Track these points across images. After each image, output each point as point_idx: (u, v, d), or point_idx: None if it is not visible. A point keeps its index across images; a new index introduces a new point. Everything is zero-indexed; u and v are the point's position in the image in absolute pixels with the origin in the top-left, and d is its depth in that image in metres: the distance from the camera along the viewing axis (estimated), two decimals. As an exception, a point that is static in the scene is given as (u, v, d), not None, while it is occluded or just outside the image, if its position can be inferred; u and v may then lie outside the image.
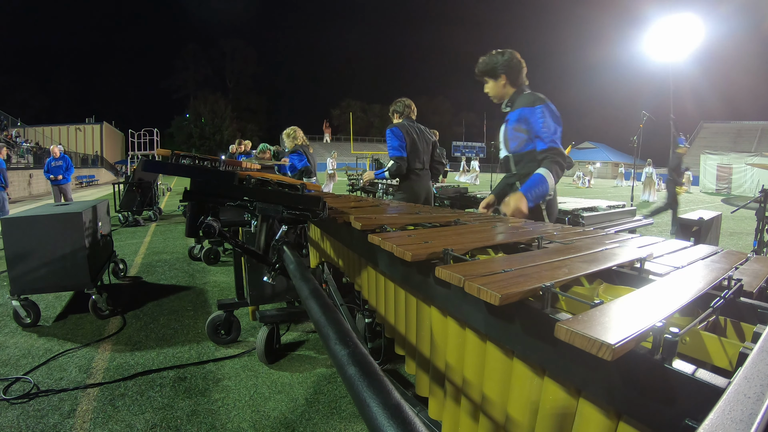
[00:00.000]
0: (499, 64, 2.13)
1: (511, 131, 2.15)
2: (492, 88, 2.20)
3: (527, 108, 2.05)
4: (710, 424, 0.35)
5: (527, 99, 2.08)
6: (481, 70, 2.20)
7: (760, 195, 4.55)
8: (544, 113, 2.00)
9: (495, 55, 2.15)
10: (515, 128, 2.12)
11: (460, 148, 60.29)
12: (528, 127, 2.05)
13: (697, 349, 0.62)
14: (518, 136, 2.12)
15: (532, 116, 2.02)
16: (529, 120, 2.03)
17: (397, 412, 0.49)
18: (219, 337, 2.67)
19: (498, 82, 2.16)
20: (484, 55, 2.19)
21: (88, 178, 22.28)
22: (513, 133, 2.14)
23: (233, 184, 1.66)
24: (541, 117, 2.00)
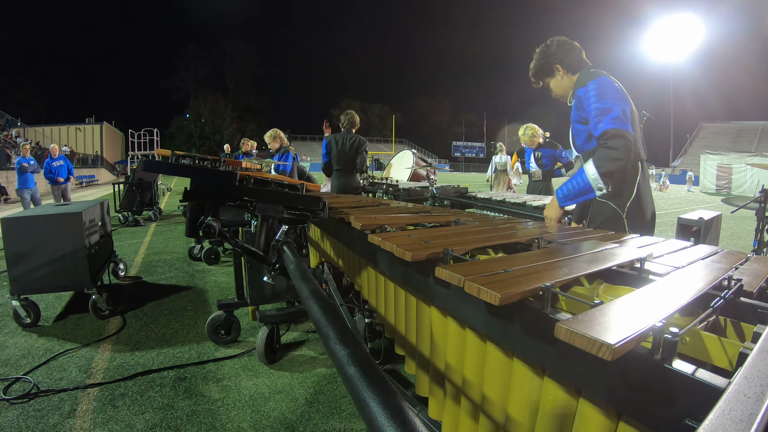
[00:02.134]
0: (549, 56, 1.85)
1: (575, 125, 1.82)
2: (555, 86, 1.90)
3: (580, 89, 1.71)
4: (710, 424, 0.35)
5: (579, 80, 1.75)
6: (535, 74, 1.92)
7: (760, 195, 4.56)
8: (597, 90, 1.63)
9: (540, 51, 1.89)
10: (577, 120, 1.79)
11: (460, 148, 60.32)
12: (586, 114, 1.69)
13: (697, 349, 0.62)
14: (580, 129, 1.78)
15: (586, 98, 1.67)
16: (585, 105, 1.68)
17: (397, 412, 0.49)
18: (219, 337, 2.67)
19: (557, 77, 1.87)
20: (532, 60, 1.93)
21: (88, 178, 22.28)
22: (576, 127, 1.82)
23: (233, 184, 1.66)
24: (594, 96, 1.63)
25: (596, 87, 1.64)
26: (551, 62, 1.85)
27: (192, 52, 67.42)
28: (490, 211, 3.17)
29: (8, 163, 16.37)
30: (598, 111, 1.61)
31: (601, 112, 1.60)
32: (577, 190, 1.63)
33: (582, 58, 1.85)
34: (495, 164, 7.99)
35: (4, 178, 13.99)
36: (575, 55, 1.84)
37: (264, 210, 1.48)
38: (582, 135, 1.79)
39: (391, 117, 50.62)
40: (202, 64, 67.55)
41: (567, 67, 1.84)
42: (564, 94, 1.91)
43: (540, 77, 1.92)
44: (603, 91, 1.63)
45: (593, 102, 1.63)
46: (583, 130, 1.78)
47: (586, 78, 1.71)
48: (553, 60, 1.85)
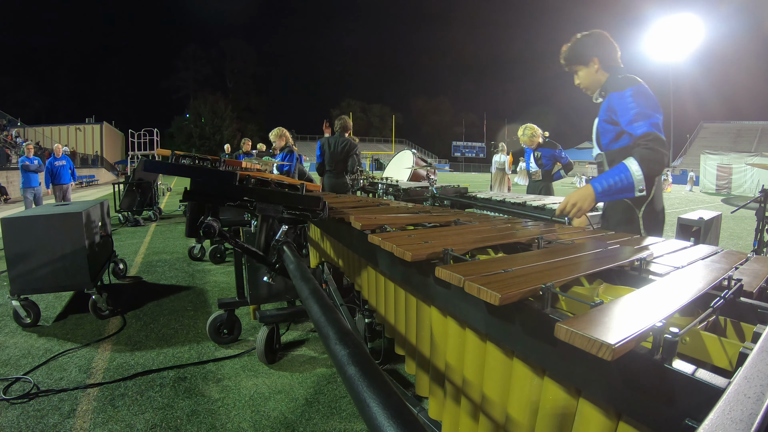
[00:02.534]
0: (589, 46, 1.84)
1: (602, 124, 1.84)
2: (585, 77, 1.90)
3: (616, 93, 1.73)
4: (710, 424, 0.35)
5: (618, 82, 1.76)
6: (568, 58, 1.91)
7: (760, 195, 4.55)
8: (636, 96, 1.66)
9: (581, 38, 1.87)
10: (605, 120, 1.81)
11: (460, 148, 60.31)
12: (617, 117, 1.72)
13: (697, 349, 0.62)
14: (608, 129, 1.81)
15: (621, 102, 1.69)
16: (617, 107, 1.71)
17: (397, 412, 0.49)
18: (220, 336, 2.67)
19: (590, 68, 1.87)
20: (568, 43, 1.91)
21: (88, 178, 22.28)
22: (604, 126, 1.83)
23: (233, 184, 1.66)
24: (632, 101, 1.65)
25: (636, 92, 1.67)
26: (590, 53, 1.85)
27: (192, 52, 67.48)
28: (490, 211, 3.17)
29: (8, 163, 16.35)
30: (638, 114, 1.64)
31: (643, 115, 1.63)
32: (619, 187, 1.58)
33: (617, 59, 1.86)
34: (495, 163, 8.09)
35: (4, 178, 13.99)
36: (613, 53, 1.85)
37: (264, 210, 1.48)
38: (609, 134, 1.81)
39: (391, 117, 50.63)
40: (202, 64, 67.62)
41: (602, 63, 1.85)
42: (590, 86, 1.91)
43: (573, 63, 1.91)
44: (643, 97, 1.67)
45: (632, 105, 1.65)
46: (611, 130, 1.80)
47: (625, 83, 1.72)
48: (592, 51, 1.85)
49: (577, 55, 1.88)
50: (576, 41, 1.89)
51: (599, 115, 1.86)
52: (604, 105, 1.81)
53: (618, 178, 1.57)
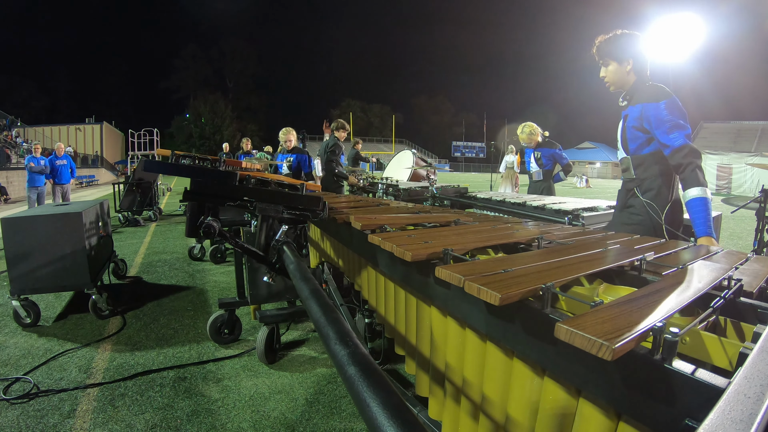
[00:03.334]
0: (630, 45, 1.88)
1: (631, 130, 1.91)
2: (614, 73, 1.93)
3: (650, 104, 1.80)
4: (710, 424, 0.35)
5: (649, 92, 1.83)
6: (605, 50, 1.92)
7: (760, 195, 4.55)
8: (670, 108, 1.76)
9: (623, 35, 1.90)
10: (635, 127, 1.88)
11: (460, 148, 60.29)
12: (650, 126, 1.81)
13: (697, 349, 0.62)
14: (638, 135, 1.89)
15: (657, 113, 1.77)
16: (651, 118, 1.79)
17: (397, 412, 0.49)
18: (221, 336, 2.67)
19: (623, 67, 1.91)
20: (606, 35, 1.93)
21: (88, 178, 22.28)
22: (633, 133, 1.91)
23: (233, 184, 1.66)
24: (667, 113, 1.75)
25: (671, 105, 1.77)
26: (628, 52, 1.89)
27: (192, 52, 67.43)
28: (490, 211, 3.17)
29: (8, 163, 16.36)
30: (674, 125, 1.74)
31: (678, 126, 1.74)
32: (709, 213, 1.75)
33: (647, 67, 1.92)
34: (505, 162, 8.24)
35: (4, 178, 13.98)
36: (646, 61, 1.91)
37: (264, 210, 1.48)
38: (638, 140, 1.90)
39: (391, 117, 50.63)
40: (202, 64, 67.57)
41: (637, 67, 1.90)
42: (615, 83, 1.96)
43: (608, 56, 1.93)
44: (678, 110, 1.77)
45: (668, 117, 1.75)
46: (640, 137, 1.88)
47: (659, 94, 1.80)
48: (630, 51, 1.89)
49: (615, 49, 1.90)
50: (617, 36, 1.90)
51: (628, 121, 1.92)
52: (635, 112, 1.87)
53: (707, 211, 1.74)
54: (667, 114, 1.75)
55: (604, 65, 1.96)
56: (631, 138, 1.93)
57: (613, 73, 1.94)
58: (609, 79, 1.97)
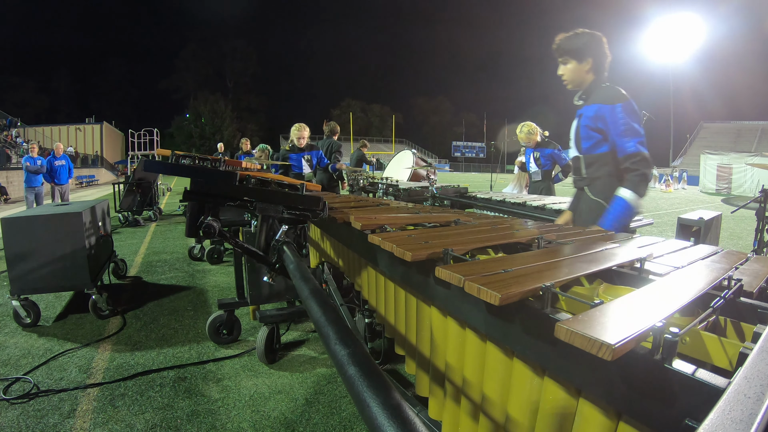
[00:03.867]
0: (589, 45, 1.88)
1: (585, 129, 1.92)
2: (572, 71, 1.94)
3: (606, 105, 1.82)
4: (710, 424, 0.35)
5: (606, 93, 1.84)
6: (565, 48, 1.92)
7: (760, 195, 4.55)
8: (626, 112, 1.77)
9: (583, 34, 1.90)
10: (590, 126, 1.89)
11: (460, 148, 60.27)
12: (605, 127, 1.83)
13: (697, 349, 0.62)
14: (592, 135, 1.90)
15: (613, 115, 1.79)
16: (607, 119, 1.81)
17: (397, 412, 0.49)
18: (220, 337, 2.67)
19: (582, 66, 1.91)
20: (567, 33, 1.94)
21: (88, 178, 22.28)
22: (587, 132, 1.92)
23: (233, 184, 1.66)
24: (623, 116, 1.76)
25: (626, 108, 1.78)
26: (588, 51, 1.90)
27: (192, 52, 67.41)
28: (490, 211, 3.17)
29: (8, 163, 16.35)
30: (628, 128, 1.77)
31: (632, 131, 1.77)
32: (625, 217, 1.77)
33: (606, 66, 1.93)
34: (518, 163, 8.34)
35: (4, 178, 13.99)
36: (605, 60, 1.92)
37: (264, 210, 1.48)
38: (591, 140, 1.91)
39: (391, 117, 50.64)
40: (202, 64, 67.55)
41: (596, 66, 1.91)
42: (573, 82, 1.97)
43: (568, 54, 1.93)
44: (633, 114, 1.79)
45: (624, 121, 1.77)
46: (594, 136, 1.90)
47: (615, 96, 1.81)
48: (590, 51, 1.89)
49: (575, 48, 1.90)
50: (577, 35, 1.91)
51: (582, 121, 1.94)
52: (590, 113, 1.89)
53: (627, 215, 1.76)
54: (624, 117, 1.77)
55: (563, 63, 1.96)
56: (584, 137, 1.94)
57: (572, 72, 1.94)
58: (567, 77, 1.97)
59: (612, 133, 1.80)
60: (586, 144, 1.94)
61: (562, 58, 1.96)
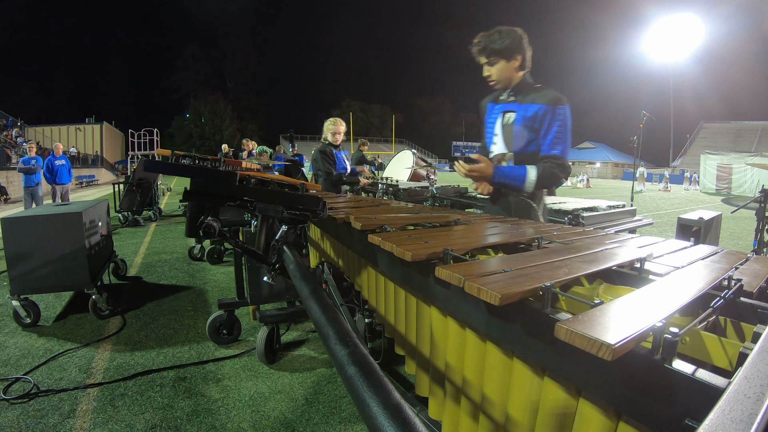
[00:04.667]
0: (516, 42, 1.86)
1: (520, 128, 1.90)
2: (502, 71, 1.90)
3: (550, 107, 1.82)
4: (710, 424, 0.35)
5: (549, 95, 1.84)
6: (492, 49, 1.87)
7: (760, 195, 4.55)
8: (564, 117, 1.81)
9: (508, 32, 1.86)
10: (527, 126, 1.88)
11: (460, 148, 60.27)
12: (542, 128, 1.84)
13: (697, 349, 0.62)
14: (526, 135, 1.89)
15: (552, 117, 1.81)
16: (546, 120, 1.82)
17: (397, 412, 0.49)
18: (220, 337, 2.67)
19: (511, 64, 1.88)
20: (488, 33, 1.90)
21: (88, 178, 22.28)
22: (522, 131, 1.90)
23: (233, 184, 1.66)
24: (561, 121, 1.81)
25: (564, 113, 1.83)
26: (515, 49, 1.87)
27: (192, 52, 67.39)
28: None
29: (8, 163, 16.35)
30: (559, 134, 1.83)
31: (562, 139, 1.83)
32: (512, 184, 1.87)
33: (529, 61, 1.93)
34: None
35: (4, 178, 13.99)
36: (530, 56, 1.93)
37: (264, 210, 1.48)
38: (524, 139, 1.91)
39: (391, 117, 50.58)
40: (202, 64, 67.53)
41: (523, 62, 1.91)
42: (502, 81, 1.94)
43: (496, 55, 1.89)
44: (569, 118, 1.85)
45: (558, 126, 1.82)
46: (528, 136, 1.90)
47: (559, 99, 1.83)
48: (517, 49, 1.88)
49: (503, 47, 1.86)
50: (502, 33, 1.87)
51: (517, 119, 1.92)
52: (529, 112, 1.87)
53: (515, 175, 1.85)
54: (562, 120, 1.82)
55: (489, 64, 1.92)
56: (517, 135, 1.92)
57: (501, 71, 1.90)
58: (496, 77, 1.92)
59: (543, 133, 1.84)
60: (519, 143, 1.92)
61: (489, 59, 1.91)
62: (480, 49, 1.92)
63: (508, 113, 1.96)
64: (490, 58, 1.90)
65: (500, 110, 2.00)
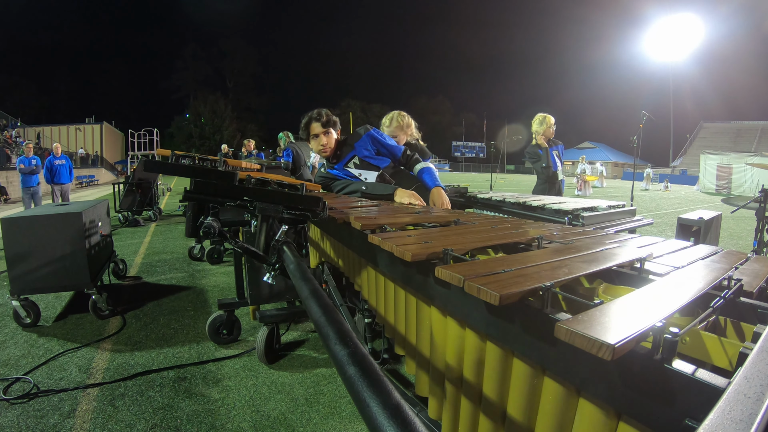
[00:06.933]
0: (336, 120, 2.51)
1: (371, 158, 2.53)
2: (333, 139, 2.49)
3: (367, 135, 2.52)
4: (710, 424, 0.35)
5: (360, 132, 2.54)
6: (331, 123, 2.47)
7: (760, 195, 4.55)
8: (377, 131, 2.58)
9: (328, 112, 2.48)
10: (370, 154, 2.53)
11: (460, 148, 60.25)
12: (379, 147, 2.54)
13: (697, 349, 0.62)
14: (378, 157, 2.54)
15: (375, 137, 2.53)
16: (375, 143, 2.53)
17: (397, 412, 0.49)
18: (220, 337, 2.67)
19: (336, 131, 2.53)
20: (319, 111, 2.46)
21: (88, 178, 22.28)
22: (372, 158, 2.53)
23: (233, 184, 1.66)
24: (379, 135, 2.55)
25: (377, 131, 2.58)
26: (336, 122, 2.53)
27: (192, 52, 67.48)
28: (490, 211, 3.17)
29: (8, 163, 16.35)
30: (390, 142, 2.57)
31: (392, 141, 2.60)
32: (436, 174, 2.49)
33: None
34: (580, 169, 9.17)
35: (4, 178, 13.98)
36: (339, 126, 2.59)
37: (264, 210, 1.48)
38: (378, 160, 2.54)
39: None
40: (202, 64, 67.59)
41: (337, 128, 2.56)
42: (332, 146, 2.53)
43: (332, 126, 2.49)
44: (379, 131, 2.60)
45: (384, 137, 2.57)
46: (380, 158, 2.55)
47: (366, 128, 2.56)
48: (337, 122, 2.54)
49: (335, 121, 2.50)
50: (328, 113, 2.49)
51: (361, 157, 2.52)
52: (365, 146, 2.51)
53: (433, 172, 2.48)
54: (381, 135, 2.55)
55: (325, 134, 2.46)
56: (372, 161, 2.52)
57: (332, 139, 2.49)
58: (330, 144, 2.49)
59: (386, 149, 2.53)
60: (381, 163, 2.53)
61: (326, 130, 2.46)
62: (323, 122, 2.45)
63: (350, 161, 2.54)
64: (328, 128, 2.47)
65: (340, 166, 2.56)
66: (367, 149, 2.52)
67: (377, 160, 2.54)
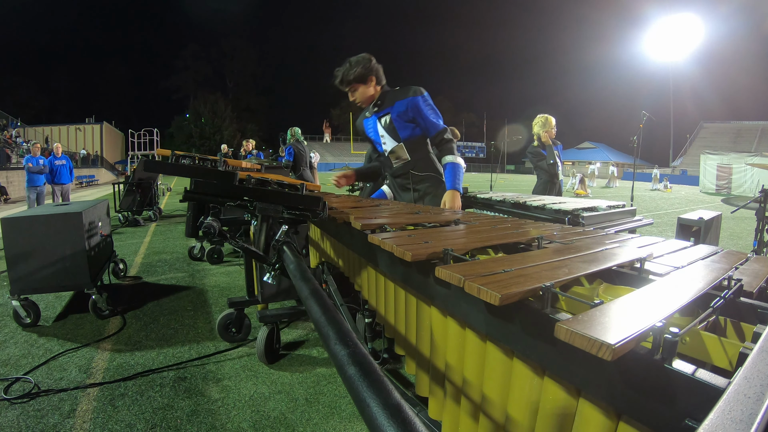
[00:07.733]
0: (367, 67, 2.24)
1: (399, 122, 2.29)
2: (362, 93, 2.28)
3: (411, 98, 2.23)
4: (710, 424, 0.35)
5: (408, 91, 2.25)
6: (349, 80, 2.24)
7: (760, 195, 4.55)
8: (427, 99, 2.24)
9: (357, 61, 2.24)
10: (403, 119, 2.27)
11: (460, 148, 60.10)
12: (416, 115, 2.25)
13: (697, 349, 0.62)
14: (406, 125, 2.29)
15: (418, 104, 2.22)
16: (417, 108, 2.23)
17: (397, 412, 0.49)
18: (229, 334, 2.67)
19: (368, 86, 2.28)
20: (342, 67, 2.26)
21: (88, 178, 22.29)
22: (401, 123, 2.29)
23: (233, 184, 1.66)
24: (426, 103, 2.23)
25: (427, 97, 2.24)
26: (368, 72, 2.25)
27: (192, 52, 67.46)
28: (490, 211, 3.17)
29: (8, 163, 16.35)
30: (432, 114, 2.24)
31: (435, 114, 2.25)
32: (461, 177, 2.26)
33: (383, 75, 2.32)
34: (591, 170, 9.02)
35: (4, 178, 13.98)
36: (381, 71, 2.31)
37: (264, 210, 1.48)
38: (407, 129, 2.30)
39: (391, 117, 50.44)
40: (202, 64, 67.56)
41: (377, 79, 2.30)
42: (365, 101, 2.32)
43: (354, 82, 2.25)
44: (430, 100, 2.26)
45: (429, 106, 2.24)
46: (407, 126, 2.29)
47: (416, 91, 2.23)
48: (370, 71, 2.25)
49: (357, 75, 2.23)
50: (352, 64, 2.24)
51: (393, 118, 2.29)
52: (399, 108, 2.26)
53: (459, 173, 2.24)
54: (427, 102, 2.23)
55: (351, 92, 2.28)
56: (399, 128, 2.29)
57: (362, 94, 2.28)
58: (360, 99, 2.30)
59: (421, 120, 2.24)
60: (403, 133, 2.30)
61: (350, 87, 2.27)
62: (339, 82, 2.28)
63: (383, 117, 2.33)
64: (350, 86, 2.27)
65: (374, 119, 2.37)
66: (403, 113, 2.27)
67: (405, 129, 2.30)
